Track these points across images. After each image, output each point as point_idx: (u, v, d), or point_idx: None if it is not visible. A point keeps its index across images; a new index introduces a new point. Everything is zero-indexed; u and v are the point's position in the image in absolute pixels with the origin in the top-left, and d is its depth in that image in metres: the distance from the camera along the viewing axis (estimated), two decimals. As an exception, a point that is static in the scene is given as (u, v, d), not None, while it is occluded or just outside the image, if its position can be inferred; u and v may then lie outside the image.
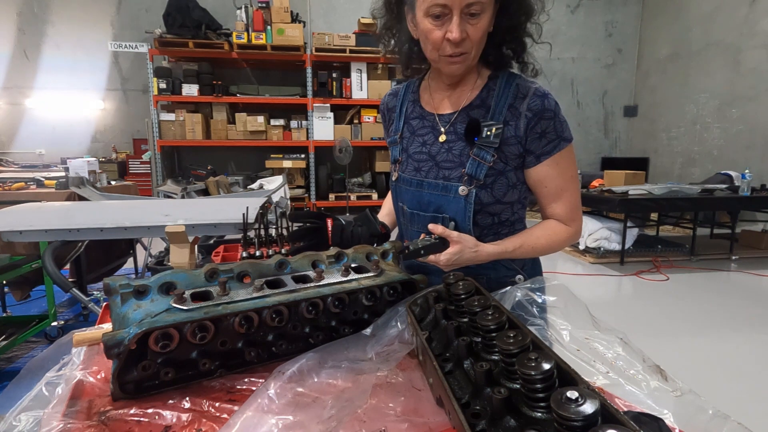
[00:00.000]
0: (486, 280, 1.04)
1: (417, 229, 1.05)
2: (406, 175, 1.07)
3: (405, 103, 1.13)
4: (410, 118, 1.11)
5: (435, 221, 0.99)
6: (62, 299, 3.39)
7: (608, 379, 0.68)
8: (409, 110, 1.12)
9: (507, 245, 0.98)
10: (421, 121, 1.08)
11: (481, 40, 0.92)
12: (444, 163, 1.01)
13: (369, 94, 6.82)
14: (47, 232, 1.35)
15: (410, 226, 1.08)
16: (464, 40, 0.89)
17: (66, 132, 6.86)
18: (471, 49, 0.92)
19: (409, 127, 1.10)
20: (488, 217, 1.02)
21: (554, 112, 0.96)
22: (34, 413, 0.61)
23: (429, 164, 1.03)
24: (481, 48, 0.94)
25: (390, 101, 1.18)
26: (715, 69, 6.73)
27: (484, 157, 0.96)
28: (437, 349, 0.69)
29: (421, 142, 1.06)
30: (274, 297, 0.73)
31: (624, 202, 4.41)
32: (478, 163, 0.97)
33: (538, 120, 0.95)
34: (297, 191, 6.88)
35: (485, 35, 0.92)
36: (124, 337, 0.63)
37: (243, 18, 6.29)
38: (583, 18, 8.09)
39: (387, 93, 1.21)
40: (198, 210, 1.54)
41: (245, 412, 0.58)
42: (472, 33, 0.89)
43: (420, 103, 1.10)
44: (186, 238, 1.18)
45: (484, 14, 0.88)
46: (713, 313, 3.40)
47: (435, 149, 1.03)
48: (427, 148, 1.05)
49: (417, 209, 1.05)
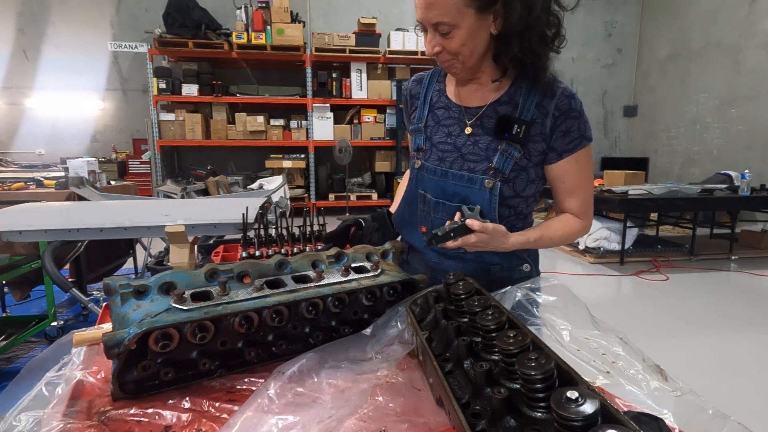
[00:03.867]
0: (500, 269, 1.10)
1: (441, 216, 1.07)
2: (429, 164, 1.09)
3: (430, 92, 1.14)
4: (435, 108, 1.12)
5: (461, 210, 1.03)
6: (62, 299, 3.39)
7: (608, 379, 0.68)
8: (435, 99, 1.13)
9: (529, 236, 1.03)
10: (446, 112, 1.10)
11: (459, 50, 0.94)
12: (469, 156, 1.04)
13: (369, 94, 6.82)
14: (47, 232, 1.35)
15: (433, 214, 1.09)
16: (440, 53, 0.96)
17: (66, 132, 6.86)
18: (454, 58, 0.96)
19: (434, 117, 1.11)
20: (506, 209, 1.06)
21: (579, 112, 1.00)
22: (34, 413, 0.61)
23: (454, 155, 1.06)
24: (473, 54, 0.96)
25: (414, 88, 1.19)
26: (715, 69, 6.74)
27: (511, 152, 1.00)
28: (437, 349, 0.69)
29: (446, 133, 1.08)
30: (274, 297, 0.73)
31: (624, 202, 4.41)
32: (506, 158, 1.01)
33: (564, 119, 0.99)
34: (297, 191, 6.88)
35: (467, 45, 0.94)
36: (124, 337, 0.63)
37: (243, 18, 6.29)
38: (583, 18, 8.09)
39: (411, 79, 1.22)
40: (198, 210, 1.54)
41: (245, 412, 0.58)
42: (447, 46, 0.94)
43: (446, 93, 1.12)
44: (186, 238, 1.18)
45: (456, 29, 0.92)
46: (713, 313, 3.40)
47: (461, 141, 1.06)
48: (453, 139, 1.07)
49: (442, 198, 1.07)
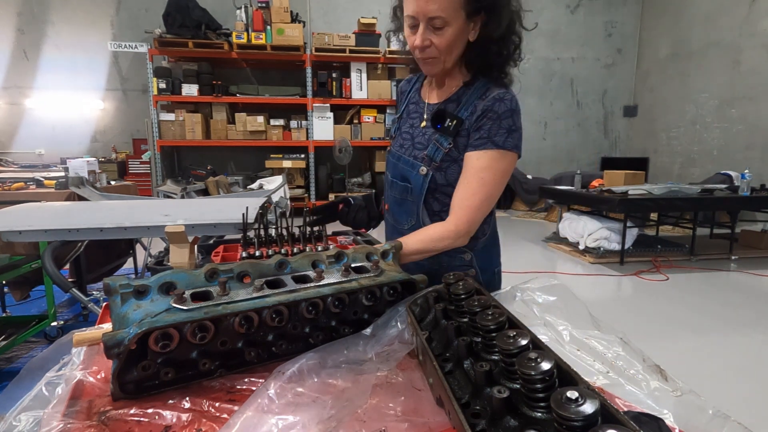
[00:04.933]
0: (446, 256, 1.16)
1: (394, 194, 1.23)
2: (393, 150, 1.25)
3: (412, 90, 1.30)
4: (410, 102, 1.28)
5: (405, 190, 1.19)
6: (62, 299, 3.39)
7: (608, 379, 0.68)
8: (412, 97, 1.28)
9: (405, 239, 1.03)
10: (415, 107, 1.25)
11: (447, 48, 1.03)
12: (417, 144, 1.18)
13: (369, 94, 6.82)
14: (47, 232, 1.35)
15: (390, 192, 1.25)
16: (428, 47, 1.03)
17: (66, 132, 6.86)
18: (439, 55, 1.05)
19: (407, 110, 1.27)
20: (444, 197, 1.14)
21: (498, 115, 1.05)
22: (34, 413, 0.61)
23: (408, 143, 1.20)
24: (453, 54, 1.06)
25: (404, 85, 1.35)
26: (714, 69, 6.74)
27: (441, 143, 1.11)
28: (437, 349, 0.69)
29: (410, 124, 1.23)
30: (274, 297, 0.73)
31: (624, 202, 4.41)
32: (437, 148, 1.12)
33: (483, 117, 1.07)
34: (297, 191, 6.88)
35: (453, 45, 1.04)
36: (124, 337, 0.63)
37: (243, 18, 6.29)
38: (583, 18, 8.10)
39: (405, 78, 1.37)
40: (198, 210, 1.54)
41: (245, 412, 0.58)
42: (437, 42, 1.02)
43: (420, 92, 1.27)
44: (186, 238, 1.18)
45: (448, 27, 1.00)
46: (713, 313, 3.40)
47: (416, 132, 1.20)
48: (412, 130, 1.22)
49: (396, 179, 1.22)
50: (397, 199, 1.22)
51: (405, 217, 1.21)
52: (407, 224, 1.20)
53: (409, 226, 1.19)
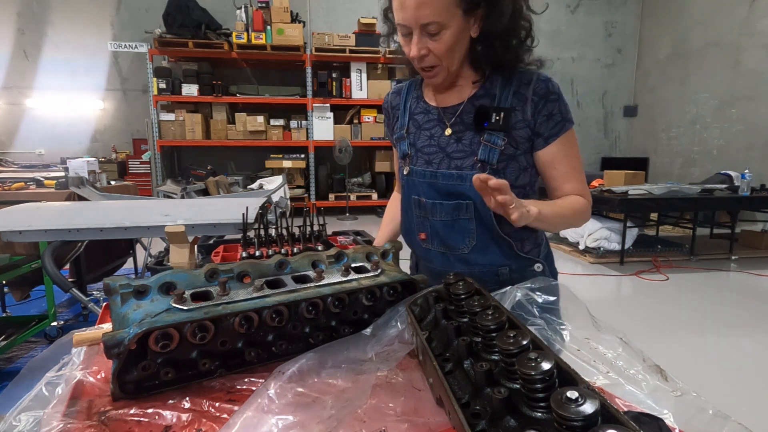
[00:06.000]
0: (508, 271, 1.07)
1: (440, 218, 1.06)
2: (418, 168, 1.09)
3: (409, 101, 1.16)
4: (415, 114, 1.13)
5: (458, 208, 1.02)
6: (62, 299, 3.39)
7: (608, 379, 0.68)
8: (413, 106, 1.14)
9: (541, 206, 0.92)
10: (425, 116, 1.11)
11: (446, 54, 0.94)
12: (455, 154, 1.04)
13: (369, 94, 6.82)
14: (47, 232, 1.35)
15: (432, 217, 1.07)
16: (426, 56, 0.94)
17: (66, 132, 6.86)
18: (440, 62, 0.96)
19: (415, 122, 1.13)
20: None
21: (558, 95, 1.00)
22: (34, 413, 0.61)
23: (440, 156, 1.06)
24: (456, 57, 0.97)
25: (393, 99, 1.21)
26: (714, 69, 6.73)
27: (495, 141, 1.00)
28: (437, 349, 0.69)
29: (428, 136, 1.09)
30: (274, 297, 0.73)
31: (624, 202, 4.41)
32: (490, 148, 1.00)
33: (544, 103, 0.98)
34: (297, 191, 6.88)
35: (453, 48, 0.94)
36: (124, 337, 0.63)
37: (243, 18, 6.29)
38: (583, 18, 8.10)
39: (389, 92, 1.23)
40: (198, 210, 1.54)
41: (245, 412, 0.58)
42: (434, 48, 0.93)
43: (423, 99, 1.13)
44: (186, 238, 1.18)
45: (445, 30, 0.91)
46: (713, 313, 3.40)
47: (444, 141, 1.06)
48: (436, 140, 1.07)
49: (438, 199, 1.06)
50: (446, 222, 1.05)
51: (460, 239, 1.05)
52: (467, 246, 1.04)
53: (469, 248, 1.05)
